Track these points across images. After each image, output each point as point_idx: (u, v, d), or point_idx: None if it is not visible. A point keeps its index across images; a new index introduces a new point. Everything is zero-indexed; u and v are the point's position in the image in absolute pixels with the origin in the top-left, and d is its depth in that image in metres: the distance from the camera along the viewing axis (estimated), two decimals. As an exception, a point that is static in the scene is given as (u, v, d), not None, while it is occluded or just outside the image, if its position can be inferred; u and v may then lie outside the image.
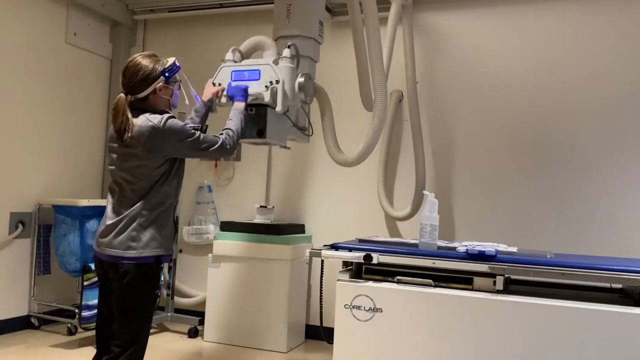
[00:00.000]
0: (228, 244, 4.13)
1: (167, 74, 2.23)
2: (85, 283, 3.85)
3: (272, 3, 4.50)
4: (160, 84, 2.23)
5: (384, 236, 3.91)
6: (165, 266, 4.53)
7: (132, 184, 2.21)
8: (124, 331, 2.21)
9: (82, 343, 3.99)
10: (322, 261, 2.96)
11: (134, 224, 2.19)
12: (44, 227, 4.35)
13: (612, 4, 3.81)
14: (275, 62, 2.81)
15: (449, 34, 4.16)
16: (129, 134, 2.12)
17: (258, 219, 4.25)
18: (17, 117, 4.19)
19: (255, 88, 2.71)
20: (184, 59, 4.91)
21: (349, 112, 4.07)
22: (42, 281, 4.38)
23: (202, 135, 2.26)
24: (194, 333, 4.29)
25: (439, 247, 2.83)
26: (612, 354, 2.36)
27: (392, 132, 4.20)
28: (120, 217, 2.21)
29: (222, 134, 2.39)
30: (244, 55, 2.99)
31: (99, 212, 4.22)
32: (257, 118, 2.70)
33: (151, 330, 4.40)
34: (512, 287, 2.80)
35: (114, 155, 2.25)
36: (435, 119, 4.17)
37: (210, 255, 4.21)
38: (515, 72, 4.02)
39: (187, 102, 2.44)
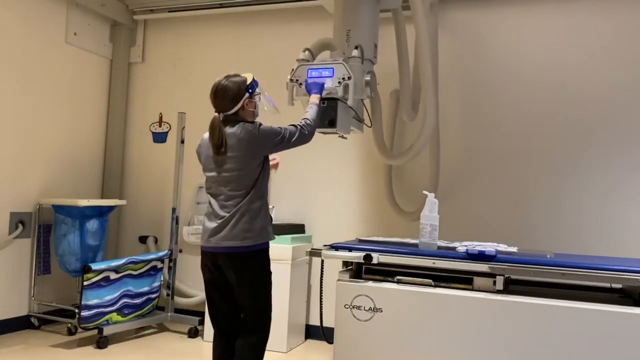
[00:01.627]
0: (228, 244, 4.12)
1: (250, 91, 2.61)
2: (85, 283, 3.85)
3: (272, 3, 4.55)
4: (246, 99, 2.59)
5: (384, 236, 3.91)
6: (165, 266, 4.53)
7: (237, 184, 2.53)
8: (254, 313, 2.58)
9: (82, 343, 4.00)
10: (322, 261, 2.97)
11: (245, 217, 2.52)
12: (44, 227, 4.35)
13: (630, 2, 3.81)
14: (346, 61, 3.13)
15: (448, 34, 4.16)
16: (225, 146, 2.51)
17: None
18: (17, 116, 4.20)
19: (329, 83, 3.04)
20: (183, 59, 4.97)
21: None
22: (42, 281, 4.38)
23: (286, 131, 2.60)
24: (194, 333, 4.30)
25: (439, 247, 2.83)
26: (612, 354, 2.36)
27: (393, 132, 4.20)
28: (231, 213, 2.52)
29: (300, 123, 2.69)
30: (314, 55, 3.30)
31: (99, 212, 4.23)
32: (328, 110, 3.04)
33: (151, 330, 4.42)
34: (512, 287, 2.80)
35: (213, 163, 2.57)
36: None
37: (210, 255, 4.21)
38: (516, 72, 4.02)
39: (265, 109, 2.81)
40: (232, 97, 2.56)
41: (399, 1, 3.69)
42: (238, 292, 2.59)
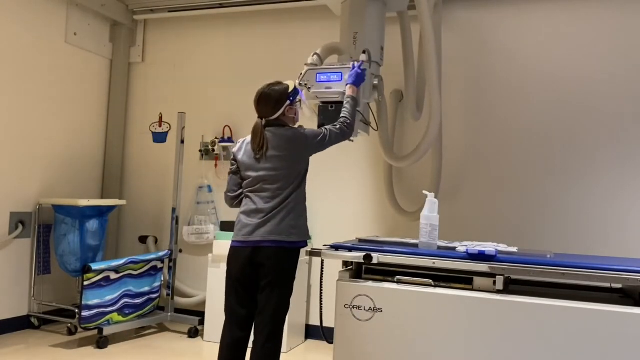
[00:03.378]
0: (228, 244, 4.10)
1: (291, 98, 2.73)
2: (86, 283, 3.85)
3: (272, 3, 4.55)
4: (287, 107, 2.72)
5: (384, 236, 3.91)
6: (166, 266, 4.53)
7: (285, 182, 2.65)
8: (282, 306, 2.68)
9: (82, 343, 4.00)
10: (322, 261, 2.97)
11: (292, 214, 2.65)
12: (44, 227, 4.36)
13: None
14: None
15: (452, 34, 4.16)
16: (266, 148, 2.65)
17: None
18: (17, 116, 4.20)
19: (338, 87, 3.08)
20: (183, 59, 4.97)
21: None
22: (42, 281, 4.38)
23: (327, 131, 2.74)
24: (194, 333, 4.30)
25: (439, 247, 2.83)
26: (612, 354, 2.36)
27: (394, 132, 4.20)
28: (278, 209, 2.64)
29: (340, 120, 2.82)
30: (322, 59, 3.34)
31: (99, 212, 4.23)
32: (336, 114, 3.01)
33: (151, 330, 4.42)
34: (512, 287, 2.79)
35: (257, 163, 2.68)
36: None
37: (210, 255, 4.22)
38: (519, 72, 4.02)
39: (307, 115, 2.97)
40: (273, 105, 2.70)
41: (406, 3, 3.70)
42: (269, 288, 2.63)
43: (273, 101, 2.70)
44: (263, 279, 2.64)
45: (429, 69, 3.36)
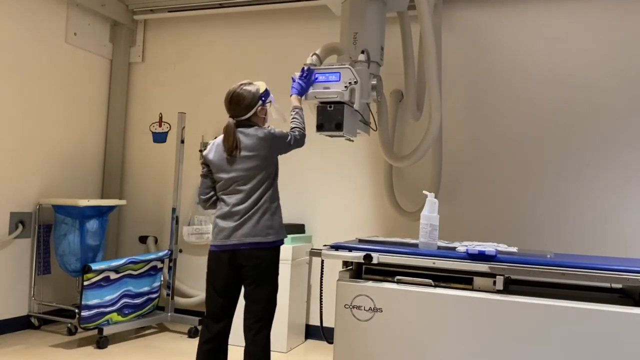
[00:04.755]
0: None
1: (263, 99, 2.75)
2: (85, 283, 3.85)
3: (272, 3, 4.55)
4: (259, 107, 2.74)
5: (384, 236, 3.91)
6: (166, 266, 4.53)
7: (257, 182, 2.67)
8: (268, 304, 2.71)
9: (82, 343, 4.00)
10: (322, 261, 2.97)
11: (267, 215, 2.67)
12: (44, 227, 4.36)
13: None
14: (352, 65, 3.20)
15: (452, 34, 4.16)
16: (239, 149, 2.66)
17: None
18: (17, 116, 4.20)
19: (336, 87, 3.08)
20: (183, 59, 4.97)
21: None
22: (42, 281, 4.38)
23: (290, 135, 2.77)
24: (194, 333, 4.30)
25: (439, 247, 2.83)
26: (612, 354, 2.36)
27: (394, 132, 4.20)
28: (253, 210, 2.65)
29: (297, 128, 2.83)
30: (321, 59, 3.34)
31: (99, 212, 4.23)
32: (335, 113, 3.08)
33: (151, 330, 4.42)
34: (512, 287, 2.79)
35: (229, 164, 2.69)
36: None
37: (210, 255, 4.21)
38: (519, 72, 4.02)
39: (274, 117, 2.92)
40: (246, 105, 2.71)
41: (406, 3, 3.70)
42: (253, 288, 2.68)
43: (246, 101, 2.71)
44: (246, 279, 2.69)
45: (429, 69, 3.36)
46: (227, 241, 2.67)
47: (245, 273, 2.68)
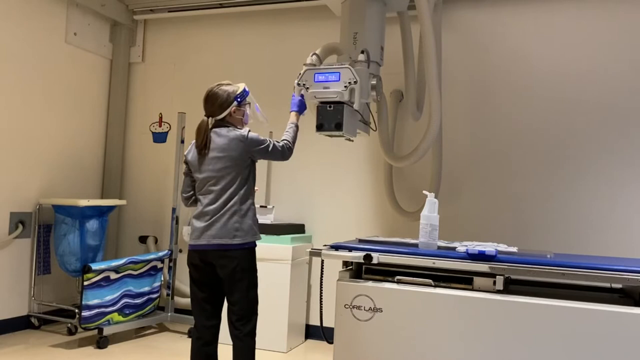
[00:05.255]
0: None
1: (239, 99, 2.74)
2: (86, 283, 3.85)
3: (272, 3, 4.55)
4: (234, 107, 2.72)
5: (384, 236, 3.91)
6: (166, 266, 4.53)
7: (228, 183, 2.66)
8: (244, 304, 2.68)
9: (82, 343, 4.00)
10: (322, 261, 2.96)
11: (236, 217, 2.65)
12: (44, 227, 4.36)
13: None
14: (352, 64, 3.19)
15: (452, 34, 4.16)
16: (208, 148, 2.67)
17: (258, 219, 4.24)
18: (17, 117, 4.20)
19: (336, 87, 3.08)
20: (183, 59, 4.97)
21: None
22: (42, 281, 4.38)
23: (270, 143, 2.72)
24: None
25: (439, 247, 2.83)
26: (612, 354, 2.36)
27: (394, 132, 4.20)
28: (222, 212, 2.64)
29: (284, 141, 2.80)
30: (321, 59, 3.34)
31: (99, 212, 4.23)
32: (335, 113, 3.08)
33: (151, 330, 4.42)
34: (512, 287, 2.79)
35: (203, 164, 2.69)
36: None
37: (210, 255, 4.21)
38: (519, 72, 4.02)
39: (259, 119, 2.96)
40: (220, 104, 2.72)
41: (406, 3, 3.70)
42: (229, 288, 2.69)
43: (220, 100, 2.72)
44: (221, 277, 2.69)
45: (428, 68, 3.36)
46: (198, 241, 2.68)
47: (218, 272, 2.69)
